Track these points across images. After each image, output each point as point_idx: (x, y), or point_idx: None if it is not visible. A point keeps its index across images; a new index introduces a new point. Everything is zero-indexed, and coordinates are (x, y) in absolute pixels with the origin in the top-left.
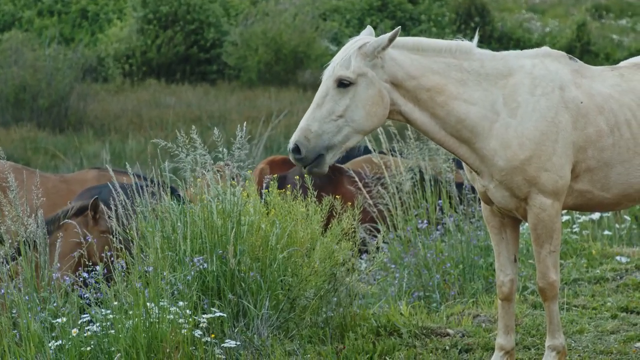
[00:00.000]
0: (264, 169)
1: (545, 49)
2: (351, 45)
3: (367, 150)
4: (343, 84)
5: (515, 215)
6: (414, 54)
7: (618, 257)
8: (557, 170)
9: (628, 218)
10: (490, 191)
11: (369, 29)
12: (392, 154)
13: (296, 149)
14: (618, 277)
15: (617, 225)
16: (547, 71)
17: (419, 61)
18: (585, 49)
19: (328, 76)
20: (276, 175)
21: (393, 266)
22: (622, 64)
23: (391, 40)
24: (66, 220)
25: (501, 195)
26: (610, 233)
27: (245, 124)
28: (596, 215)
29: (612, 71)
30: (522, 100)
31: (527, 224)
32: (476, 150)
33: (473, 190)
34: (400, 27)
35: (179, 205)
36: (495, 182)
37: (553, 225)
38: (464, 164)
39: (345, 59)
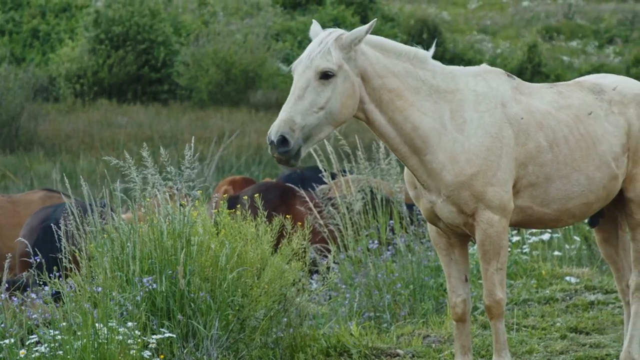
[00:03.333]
0: (227, 190)
1: (484, 66)
2: (327, 36)
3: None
4: (327, 75)
5: (464, 230)
6: (377, 51)
7: (568, 278)
8: (502, 185)
9: (578, 239)
10: (437, 206)
11: (316, 23)
12: (342, 175)
13: (283, 141)
14: (567, 298)
15: (566, 246)
16: (489, 88)
17: (382, 61)
18: (536, 71)
19: (306, 67)
20: (226, 195)
21: (344, 286)
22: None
23: (367, 32)
24: None
25: (448, 211)
26: (560, 254)
27: (193, 142)
28: (546, 236)
29: (551, 88)
30: (468, 116)
31: (475, 244)
32: (425, 163)
33: None
34: (376, 19)
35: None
36: (443, 197)
37: (500, 242)
38: (406, 181)
39: (324, 50)
